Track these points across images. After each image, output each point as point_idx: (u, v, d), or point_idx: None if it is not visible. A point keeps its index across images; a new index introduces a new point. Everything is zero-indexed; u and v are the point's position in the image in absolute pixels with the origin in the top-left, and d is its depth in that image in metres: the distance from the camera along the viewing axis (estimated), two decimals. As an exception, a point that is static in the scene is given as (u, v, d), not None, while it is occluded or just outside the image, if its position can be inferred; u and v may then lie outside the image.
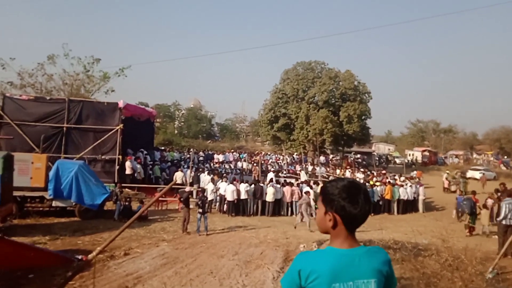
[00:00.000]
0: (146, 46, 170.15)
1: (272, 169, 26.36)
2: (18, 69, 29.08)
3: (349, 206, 1.74)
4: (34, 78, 29.73)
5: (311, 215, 15.03)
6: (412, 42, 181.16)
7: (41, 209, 13.80)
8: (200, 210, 12.59)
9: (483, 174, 35.90)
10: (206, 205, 13.30)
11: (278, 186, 19.35)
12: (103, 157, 18.96)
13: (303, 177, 24.42)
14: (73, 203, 13.80)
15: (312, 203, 18.31)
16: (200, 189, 16.22)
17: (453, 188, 31.18)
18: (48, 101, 19.71)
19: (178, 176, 20.20)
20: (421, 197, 22.71)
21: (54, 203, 13.79)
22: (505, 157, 60.51)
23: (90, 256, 4.57)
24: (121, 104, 19.74)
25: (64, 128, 18.89)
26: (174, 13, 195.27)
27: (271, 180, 20.01)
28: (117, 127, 19.18)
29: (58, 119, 18.92)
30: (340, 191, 1.77)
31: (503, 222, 10.52)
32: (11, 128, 18.21)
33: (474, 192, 17.57)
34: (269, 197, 18.28)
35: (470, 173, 38.50)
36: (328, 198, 1.81)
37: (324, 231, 1.86)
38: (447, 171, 36.40)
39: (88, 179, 14.04)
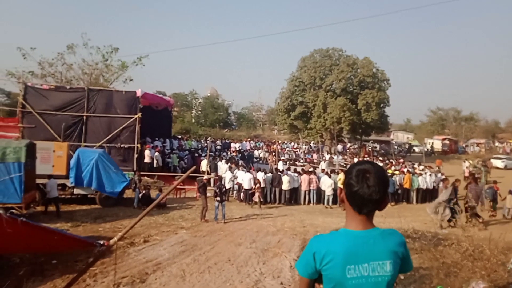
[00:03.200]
0: (164, 35, 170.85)
1: (283, 158, 26.21)
2: (38, 58, 29.55)
3: (355, 184, 1.73)
4: (54, 67, 30.16)
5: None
6: (432, 28, 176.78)
7: (63, 196, 14.12)
8: (218, 198, 12.67)
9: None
10: (224, 193, 13.38)
11: (295, 174, 19.30)
12: (122, 145, 19.22)
13: (324, 167, 24.21)
14: (94, 191, 14.08)
15: (330, 191, 18.29)
16: (218, 177, 16.31)
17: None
18: (68, 90, 20.02)
19: (204, 164, 20.40)
20: (441, 187, 22.32)
21: (75, 191, 14.10)
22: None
23: (111, 241, 4.65)
24: (139, 93, 19.90)
25: (84, 117, 19.18)
26: (191, 1, 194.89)
27: (287, 169, 20.01)
28: (136, 116, 19.38)
29: (78, 108, 19.21)
30: (352, 169, 1.79)
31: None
32: (33, 117, 18.59)
33: (495, 182, 18.25)
34: (285, 186, 18.28)
35: (492, 162, 37.75)
36: (345, 175, 1.85)
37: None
38: (469, 160, 35.69)
39: (108, 167, 14.28)
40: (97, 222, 11.68)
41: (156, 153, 21.11)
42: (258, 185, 16.77)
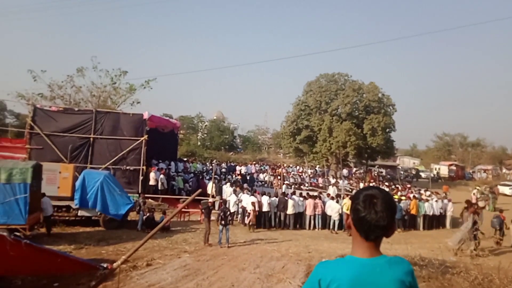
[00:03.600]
0: (172, 59, 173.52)
1: (287, 182, 26.08)
2: (48, 81, 30.15)
3: (362, 209, 1.71)
4: (63, 90, 30.74)
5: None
6: (438, 53, 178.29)
7: (67, 218, 14.09)
8: (223, 222, 12.57)
9: None
10: (228, 217, 13.29)
11: (300, 199, 19.16)
12: (127, 167, 19.28)
13: (331, 192, 24.01)
14: (98, 213, 14.05)
15: (337, 216, 18.11)
16: (222, 201, 16.24)
17: (481, 204, 30.16)
18: (76, 112, 20.30)
19: (209, 187, 20.39)
20: (449, 213, 22.03)
21: (80, 213, 14.09)
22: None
23: (115, 264, 4.61)
24: (146, 116, 20.10)
25: (91, 139, 19.34)
26: (198, 26, 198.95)
27: (292, 193, 19.92)
28: (142, 138, 19.51)
29: (85, 130, 19.41)
30: (360, 194, 1.77)
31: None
32: (40, 139, 18.79)
33: (501, 210, 18.19)
34: (289, 210, 18.14)
35: (500, 189, 37.34)
36: (351, 201, 1.83)
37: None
38: (477, 187, 35.29)
39: (113, 189, 14.29)
40: (100, 244, 11.60)
41: (161, 176, 21.12)
42: (252, 208, 16.69)
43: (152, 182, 20.34)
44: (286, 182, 25.98)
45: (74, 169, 15.09)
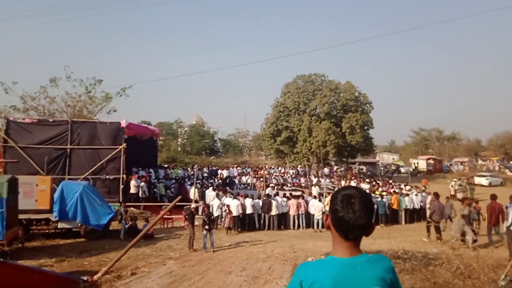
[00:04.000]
0: (147, 65, 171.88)
1: (272, 184, 26.17)
2: (21, 93, 29.34)
3: (340, 209, 1.72)
4: (37, 101, 29.97)
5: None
6: (412, 50, 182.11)
7: (47, 231, 13.74)
8: (207, 227, 12.50)
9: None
10: (213, 221, 13.23)
11: (284, 199, 19.24)
12: (107, 177, 18.97)
13: (314, 191, 24.15)
14: (79, 224, 13.75)
15: (320, 215, 18.25)
16: (205, 205, 16.16)
17: (459, 195, 30.96)
18: (51, 124, 19.86)
19: (191, 192, 20.27)
20: (428, 206, 22.45)
21: (59, 225, 13.74)
22: (510, 162, 60.19)
23: (95, 277, 4.53)
24: (123, 124, 19.83)
25: (68, 150, 18.96)
26: (173, 32, 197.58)
27: (275, 194, 19.99)
28: (120, 147, 19.24)
29: (62, 141, 19.01)
30: (337, 195, 1.79)
31: (511, 228, 10.36)
32: (15, 152, 18.30)
33: (477, 202, 18.61)
34: (273, 211, 18.20)
35: (476, 180, 38.37)
36: (330, 202, 1.85)
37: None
38: (454, 179, 36.18)
39: (93, 200, 14.02)
40: (82, 256, 11.34)
41: (142, 183, 20.86)
42: (227, 210, 16.77)
43: (133, 190, 20.05)
44: (271, 184, 26.04)
45: (51, 181, 14.71)
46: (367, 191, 25.71)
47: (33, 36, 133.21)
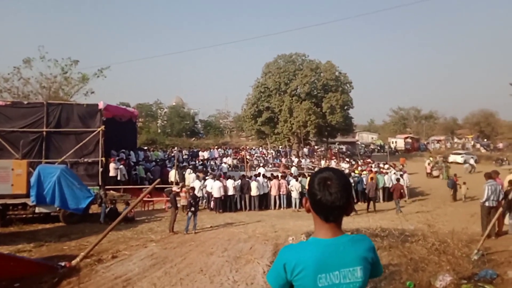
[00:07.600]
0: (125, 46, 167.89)
1: (262, 165, 26.32)
2: (-8, 74, 28.34)
3: (318, 192, 1.73)
4: (10, 82, 29.08)
5: None
6: (390, 30, 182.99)
7: (24, 216, 13.51)
8: (193, 209, 12.46)
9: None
10: (198, 203, 13.19)
11: (264, 180, 19.36)
12: (85, 160, 18.65)
13: (293, 171, 24.39)
14: (57, 208, 13.55)
15: (297, 195, 18.48)
16: (191, 188, 16.08)
17: (435, 173, 31.81)
18: (26, 106, 19.25)
19: (171, 175, 20.15)
20: (405, 184, 22.99)
21: (37, 209, 13.52)
22: (485, 140, 61.86)
23: (73, 262, 4.48)
24: (101, 106, 19.40)
25: (44, 133, 18.47)
26: (151, 10, 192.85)
27: (255, 175, 20.13)
28: (99, 129, 18.86)
29: (37, 124, 18.49)
30: (314, 178, 1.80)
31: (486, 203, 10.68)
32: (-12, 135, 17.74)
33: (455, 174, 23.64)
34: (253, 192, 18.32)
35: (452, 158, 39.30)
36: (308, 185, 1.86)
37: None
38: (430, 157, 37.04)
39: (71, 183, 13.79)
40: (61, 240, 11.21)
41: (121, 166, 20.60)
42: (184, 189, 16.20)
43: (112, 173, 19.77)
44: (261, 165, 26.12)
45: (28, 165, 14.38)
46: (347, 170, 26.28)
47: (4, 14, 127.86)
